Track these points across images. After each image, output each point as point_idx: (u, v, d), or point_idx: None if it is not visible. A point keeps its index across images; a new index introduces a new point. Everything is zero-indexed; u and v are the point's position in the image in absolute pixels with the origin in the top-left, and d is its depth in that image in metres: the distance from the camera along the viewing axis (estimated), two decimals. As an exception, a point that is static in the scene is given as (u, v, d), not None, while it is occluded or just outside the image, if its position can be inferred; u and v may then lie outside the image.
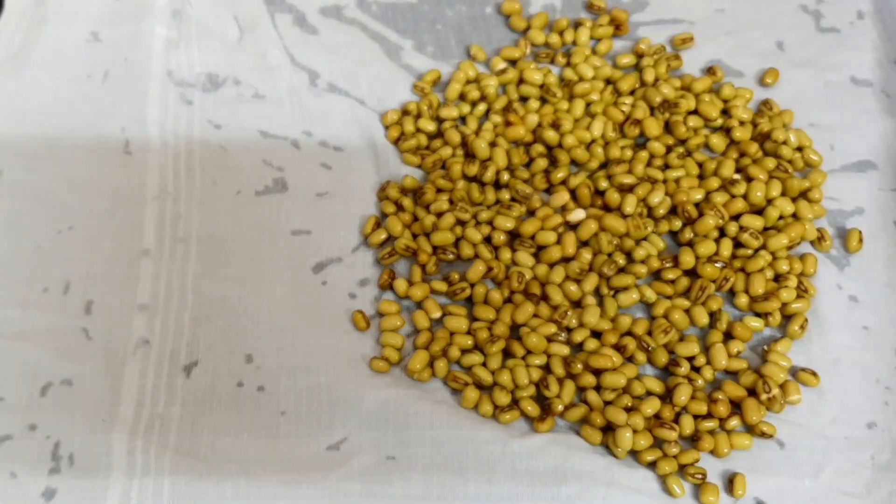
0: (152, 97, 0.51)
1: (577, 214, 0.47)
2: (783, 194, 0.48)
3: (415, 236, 0.48)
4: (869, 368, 0.44)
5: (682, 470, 0.41)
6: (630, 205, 0.47)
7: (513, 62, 0.54)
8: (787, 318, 0.45)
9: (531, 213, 0.48)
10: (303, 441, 0.42)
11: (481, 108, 0.52)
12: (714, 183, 0.48)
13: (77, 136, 0.49)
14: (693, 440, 0.42)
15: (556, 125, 0.50)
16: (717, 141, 0.50)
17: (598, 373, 0.43)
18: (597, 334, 0.45)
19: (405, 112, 0.52)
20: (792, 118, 0.51)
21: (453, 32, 0.55)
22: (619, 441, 0.41)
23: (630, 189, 0.48)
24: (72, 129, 0.50)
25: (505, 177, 0.49)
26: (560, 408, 0.43)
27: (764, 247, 0.46)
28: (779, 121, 0.51)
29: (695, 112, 0.51)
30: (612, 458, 0.42)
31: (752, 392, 0.43)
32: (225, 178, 0.49)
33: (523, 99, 0.52)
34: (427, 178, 0.50)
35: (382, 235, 0.47)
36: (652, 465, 0.42)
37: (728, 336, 0.45)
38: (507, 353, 0.44)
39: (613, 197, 0.47)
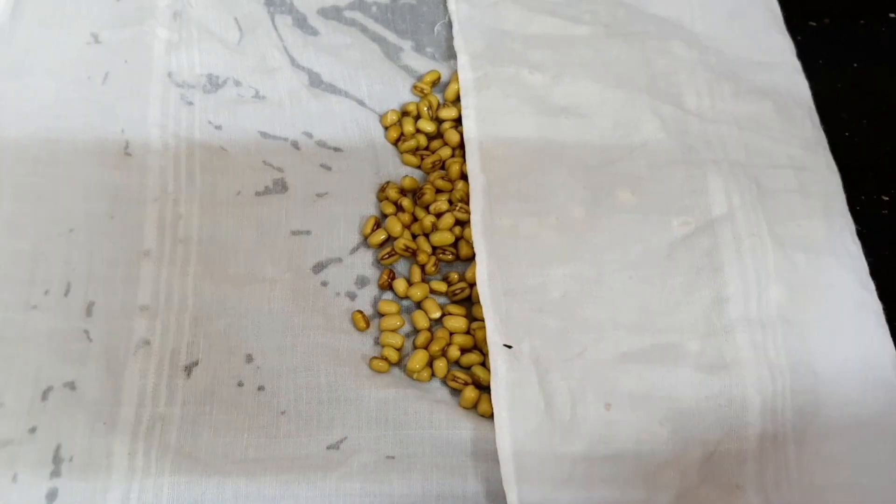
0: (153, 99, 0.51)
1: (577, 214, 0.47)
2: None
3: (414, 236, 0.48)
4: None
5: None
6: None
7: (512, 62, 0.54)
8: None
9: (531, 212, 0.48)
10: (303, 441, 0.42)
11: (481, 108, 0.52)
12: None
13: (78, 138, 0.49)
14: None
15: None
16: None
17: (597, 372, 0.43)
18: (597, 333, 0.45)
19: (405, 113, 0.52)
20: None
21: (452, 33, 0.55)
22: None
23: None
24: (72, 131, 0.50)
25: (504, 177, 0.49)
26: (560, 407, 0.43)
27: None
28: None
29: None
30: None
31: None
32: (225, 179, 0.49)
33: (523, 99, 0.53)
34: (426, 179, 0.50)
35: (382, 236, 0.47)
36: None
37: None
38: (506, 353, 0.44)
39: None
